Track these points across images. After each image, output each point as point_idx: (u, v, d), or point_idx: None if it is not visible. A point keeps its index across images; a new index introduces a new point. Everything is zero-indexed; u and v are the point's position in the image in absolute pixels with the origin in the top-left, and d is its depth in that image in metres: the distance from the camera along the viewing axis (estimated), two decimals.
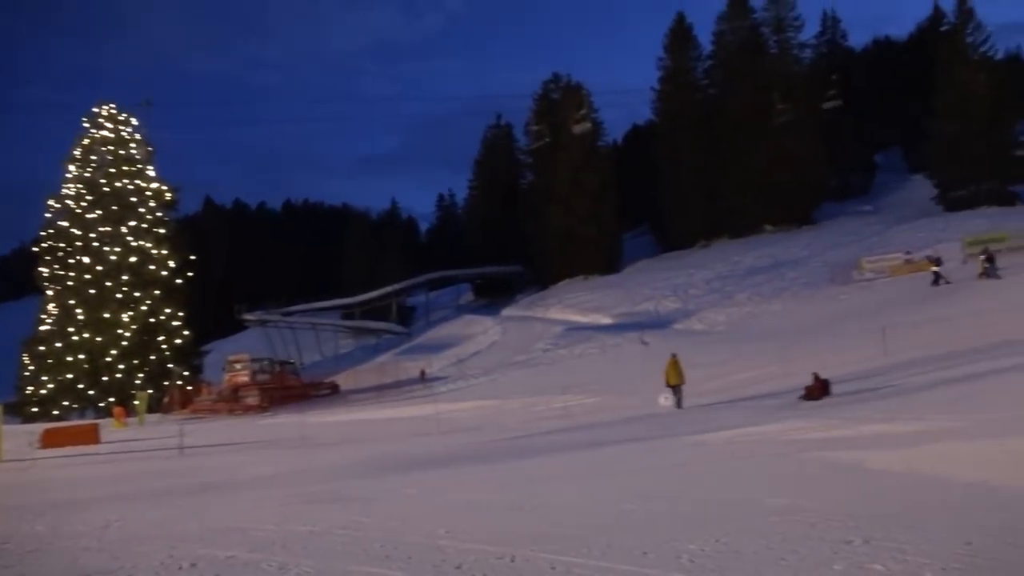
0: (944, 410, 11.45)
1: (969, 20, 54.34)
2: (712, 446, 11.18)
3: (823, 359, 21.83)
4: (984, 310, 23.95)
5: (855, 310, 33.49)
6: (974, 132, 49.24)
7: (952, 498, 6.21)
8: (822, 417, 12.50)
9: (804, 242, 51.48)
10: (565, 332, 43.25)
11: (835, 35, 71.18)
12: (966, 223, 44.35)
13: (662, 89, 64.38)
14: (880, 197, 61.96)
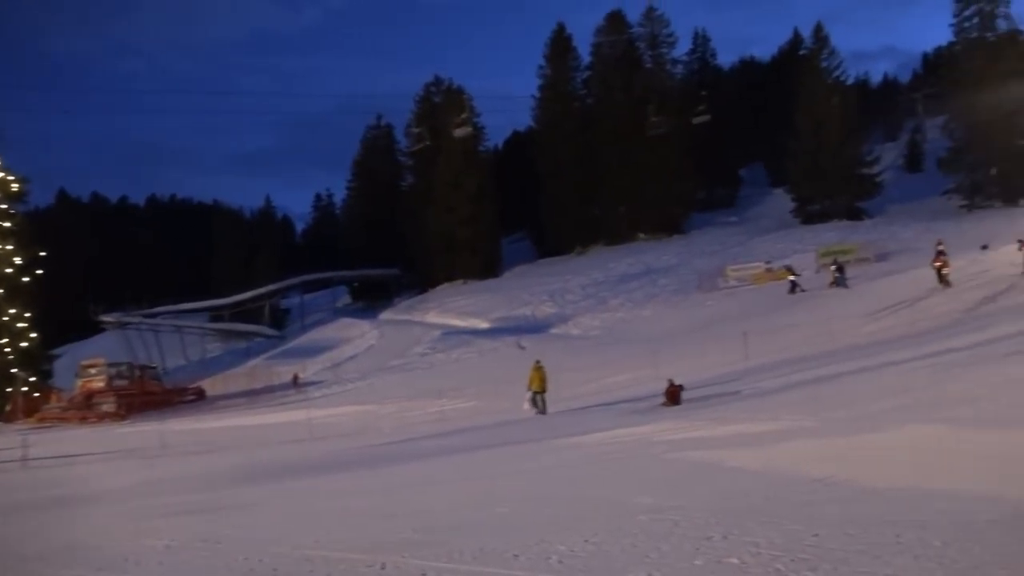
0: (797, 410, 12.17)
1: (824, 46, 58.52)
2: (584, 448, 11.39)
3: (690, 363, 22.82)
4: (834, 316, 25.74)
5: (720, 316, 35.15)
6: (828, 151, 53.00)
7: (802, 493, 6.57)
8: (686, 419, 13.01)
9: (675, 250, 53.66)
10: (443, 336, 43.17)
11: (705, 53, 74.82)
12: (820, 235, 47.65)
13: (542, 97, 65.58)
14: (744, 209, 65.51)
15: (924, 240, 40.87)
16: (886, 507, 5.71)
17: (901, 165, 67.53)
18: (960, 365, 14.18)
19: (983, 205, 49.37)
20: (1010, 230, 34.49)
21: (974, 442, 8.19)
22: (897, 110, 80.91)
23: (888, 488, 6.39)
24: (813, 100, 54.55)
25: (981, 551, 4.45)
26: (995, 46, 50.35)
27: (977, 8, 51.53)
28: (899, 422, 9.66)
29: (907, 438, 8.72)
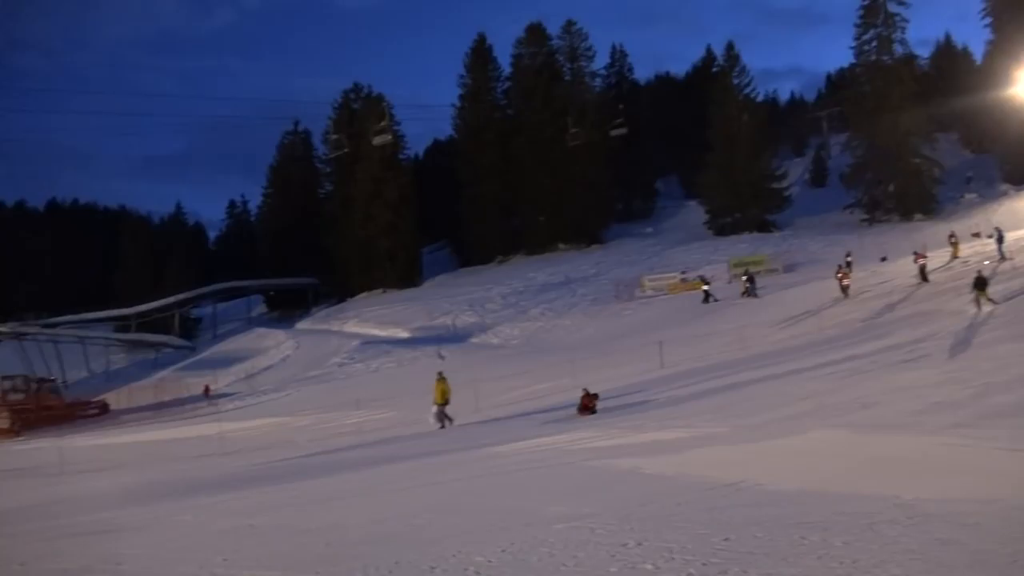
0: (710, 417, 12.51)
1: (735, 65, 60.70)
2: (503, 458, 11.39)
3: (608, 372, 23.16)
4: (745, 325, 26.61)
5: (637, 325, 35.82)
6: (739, 165, 54.86)
7: (714, 498, 6.74)
8: (603, 427, 13.19)
9: (593, 260, 54.46)
10: (362, 346, 42.53)
11: (623, 68, 76.31)
12: (732, 247, 49.25)
13: (462, 106, 65.63)
14: (660, 220, 67.07)
15: (829, 252, 42.83)
16: (792, 510, 5.91)
17: (807, 180, 70.49)
18: (861, 372, 14.87)
19: (882, 219, 52.00)
20: (906, 243, 36.49)
21: (872, 445, 8.58)
22: (803, 127, 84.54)
23: (794, 491, 6.63)
24: (725, 116, 56.44)
25: (879, 549, 4.65)
26: (892, 69, 53.24)
27: (876, 33, 54.37)
28: (804, 427, 10.04)
29: (812, 442, 9.07)
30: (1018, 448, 7.54)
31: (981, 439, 8.19)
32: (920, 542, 4.69)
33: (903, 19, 53.77)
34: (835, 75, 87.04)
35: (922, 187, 51.85)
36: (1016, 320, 17.05)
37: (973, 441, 8.13)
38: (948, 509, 5.32)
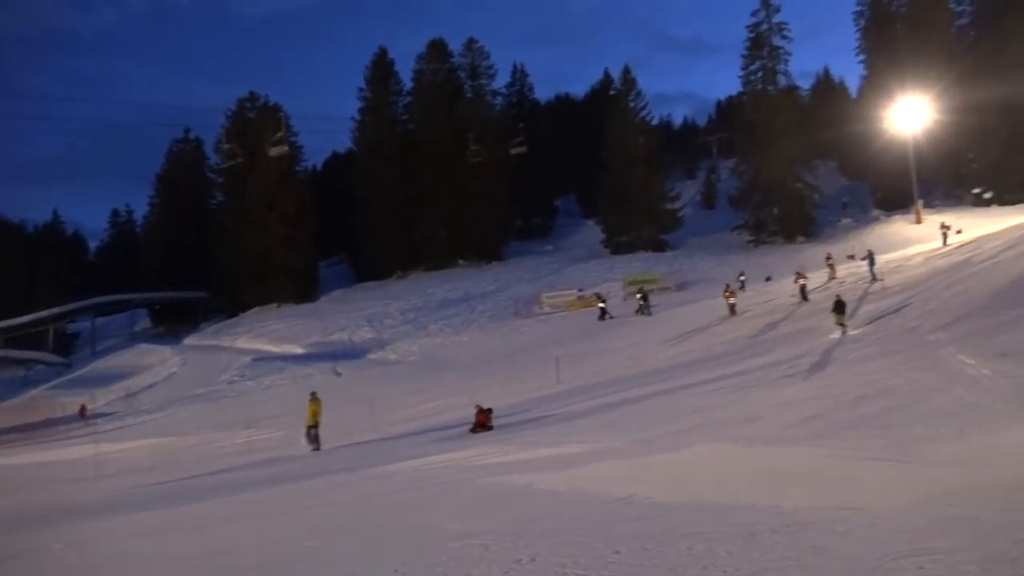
0: (604, 432, 12.74)
1: (632, 88, 62.59)
2: (397, 476, 11.23)
3: (505, 388, 23.28)
4: (639, 342, 27.33)
5: (535, 342, 36.20)
6: (634, 186, 56.51)
7: (607, 512, 6.85)
8: (499, 443, 13.22)
9: (492, 277, 54.75)
10: (253, 363, 41.16)
11: (524, 87, 77.57)
12: (627, 265, 50.58)
13: (362, 120, 64.95)
14: (559, 238, 68.22)
15: (718, 271, 44.61)
16: (681, 522, 6.07)
17: (698, 202, 73.36)
18: (745, 387, 15.51)
19: (767, 241, 54.62)
20: (789, 264, 38.43)
21: (756, 458, 8.95)
22: (695, 151, 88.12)
23: (683, 504, 6.81)
24: (621, 138, 58.13)
25: (760, 558, 4.84)
26: (776, 99, 56.22)
27: (761, 64, 57.31)
28: (693, 441, 10.36)
29: (699, 456, 9.37)
30: (886, 458, 8.03)
31: (853, 450, 8.69)
32: (797, 550, 4.91)
33: (786, 52, 57.00)
34: (724, 102, 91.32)
35: (803, 211, 54.79)
36: (886, 338, 18.20)
37: (845, 452, 8.61)
38: (822, 517, 5.59)
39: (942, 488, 6.39)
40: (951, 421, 9.61)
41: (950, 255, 28.61)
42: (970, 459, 7.60)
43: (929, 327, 17.66)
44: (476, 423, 16.02)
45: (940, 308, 19.49)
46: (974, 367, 12.71)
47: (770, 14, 56.75)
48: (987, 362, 12.85)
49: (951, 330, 16.56)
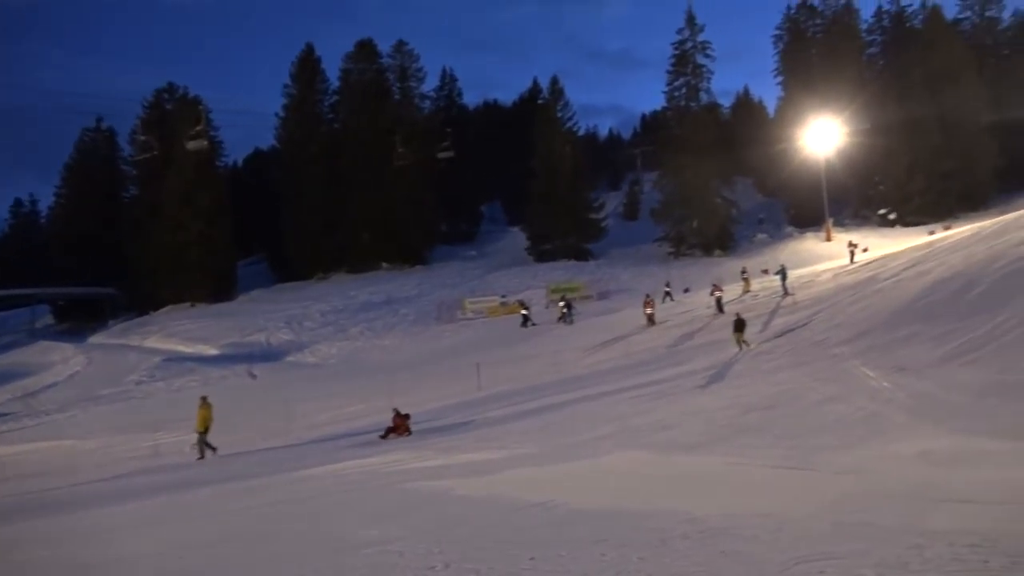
0: (523, 438, 12.80)
1: (560, 99, 63.35)
2: (313, 482, 11.00)
3: (427, 393, 23.14)
4: (560, 349, 27.59)
5: (457, 347, 36.12)
6: (559, 195, 57.13)
7: (523, 518, 6.87)
8: (418, 449, 13.13)
9: (416, 281, 54.40)
10: (164, 363, 39.69)
11: (452, 92, 77.49)
12: (550, 273, 51.06)
13: (287, 117, 63.59)
14: (484, 244, 68.32)
15: (639, 281, 45.49)
16: (595, 528, 6.14)
17: (621, 213, 74.70)
18: (662, 396, 15.85)
19: (686, 253, 55.99)
20: (707, 276, 39.50)
21: (670, 465, 9.15)
22: (620, 163, 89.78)
23: (598, 510, 6.89)
24: (548, 147, 58.70)
25: (671, 563, 4.94)
26: (698, 115, 57.82)
27: (685, 81, 58.86)
28: (610, 448, 10.53)
29: (616, 463, 9.53)
30: (792, 466, 8.33)
31: (762, 458, 8.98)
32: (707, 555, 5.03)
33: (709, 71, 58.73)
34: (649, 116, 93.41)
35: (722, 225, 56.44)
36: (795, 350, 18.90)
37: (755, 460, 8.89)
38: (731, 523, 5.75)
39: (843, 495, 6.67)
40: (853, 431, 10.05)
41: (856, 272, 29.91)
42: (869, 467, 7.95)
43: (835, 341, 18.42)
44: (392, 428, 15.85)
45: (846, 323, 20.35)
46: (875, 379, 13.33)
47: (694, 33, 58.41)
48: (887, 375, 13.49)
49: (855, 344, 17.32)
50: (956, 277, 20.25)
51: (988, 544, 4.56)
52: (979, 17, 66.82)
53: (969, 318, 16.08)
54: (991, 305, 16.33)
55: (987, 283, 18.25)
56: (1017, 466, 7.24)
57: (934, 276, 21.74)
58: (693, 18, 58.58)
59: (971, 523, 5.12)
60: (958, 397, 11.26)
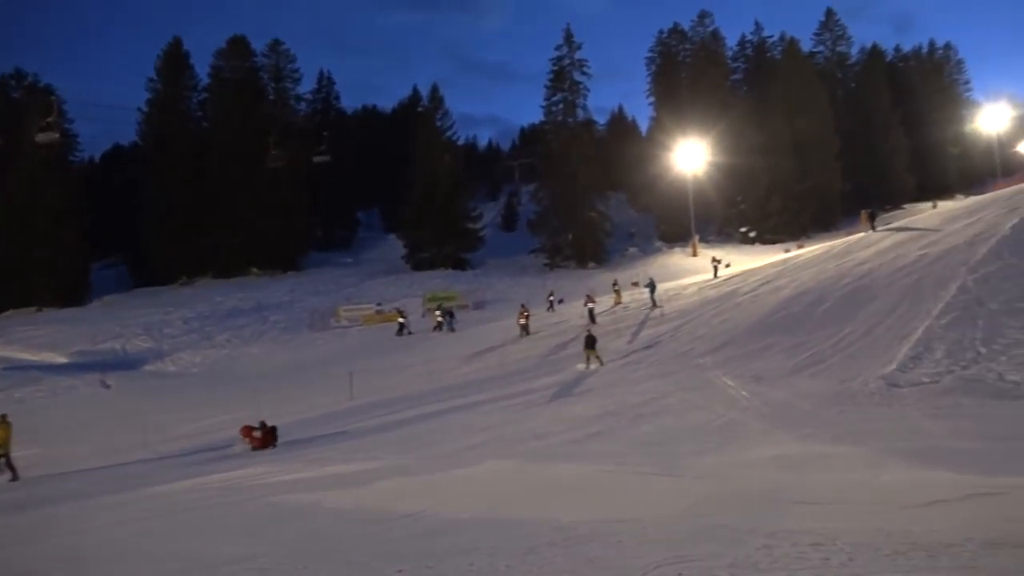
0: (394, 449, 12.65)
1: (440, 107, 63.41)
2: (170, 497, 10.40)
3: (297, 403, 22.44)
4: (435, 358, 27.45)
5: (330, 356, 35.23)
6: (437, 204, 57.07)
7: (392, 529, 6.76)
8: (285, 461, 12.70)
9: (288, 287, 52.73)
10: (3, 372, 36.51)
11: (330, 95, 75.98)
12: (427, 281, 50.82)
13: (150, 112, 60.23)
14: (360, 251, 67.20)
15: (514, 292, 46.05)
16: (464, 537, 6.12)
17: (499, 223, 75.49)
18: (536, 405, 16.09)
19: (562, 265, 57.19)
20: (581, 287, 40.45)
21: (541, 473, 9.28)
22: (498, 174, 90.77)
23: (468, 519, 6.89)
24: (427, 155, 58.56)
25: (537, 570, 5.00)
26: (574, 131, 59.39)
27: (562, 96, 60.34)
28: (482, 457, 10.56)
29: (488, 472, 9.56)
30: (657, 472, 8.64)
31: (628, 465, 9.26)
32: (573, 561, 5.12)
33: (585, 88, 60.51)
34: (528, 129, 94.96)
35: (595, 238, 58.08)
36: (661, 360, 19.66)
37: (623, 466, 9.16)
38: (598, 530, 5.89)
39: (702, 499, 6.97)
40: (713, 437, 10.54)
41: (719, 287, 31.48)
42: (727, 472, 8.36)
43: (699, 351, 19.31)
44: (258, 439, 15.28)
45: (709, 334, 21.38)
46: (734, 388, 14.06)
47: (572, 51, 60.03)
48: (745, 384, 14.27)
49: (717, 354, 18.22)
50: (807, 293, 21.72)
51: (828, 542, 4.89)
52: (831, 51, 72.46)
53: (818, 331, 17.27)
54: (837, 319, 17.61)
55: (834, 299, 19.68)
56: (853, 468, 7.81)
57: (788, 292, 23.22)
58: (571, 36, 60.30)
59: (814, 523, 5.47)
60: (807, 405, 12.05)
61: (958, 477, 6.71)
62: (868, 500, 6.31)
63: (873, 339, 15.30)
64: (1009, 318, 13.59)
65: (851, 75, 71.89)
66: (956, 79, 78.05)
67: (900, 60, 76.46)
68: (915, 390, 11.73)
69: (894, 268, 20.55)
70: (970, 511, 5.53)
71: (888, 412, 10.88)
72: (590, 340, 21.37)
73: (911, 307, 16.20)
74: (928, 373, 12.34)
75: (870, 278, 20.49)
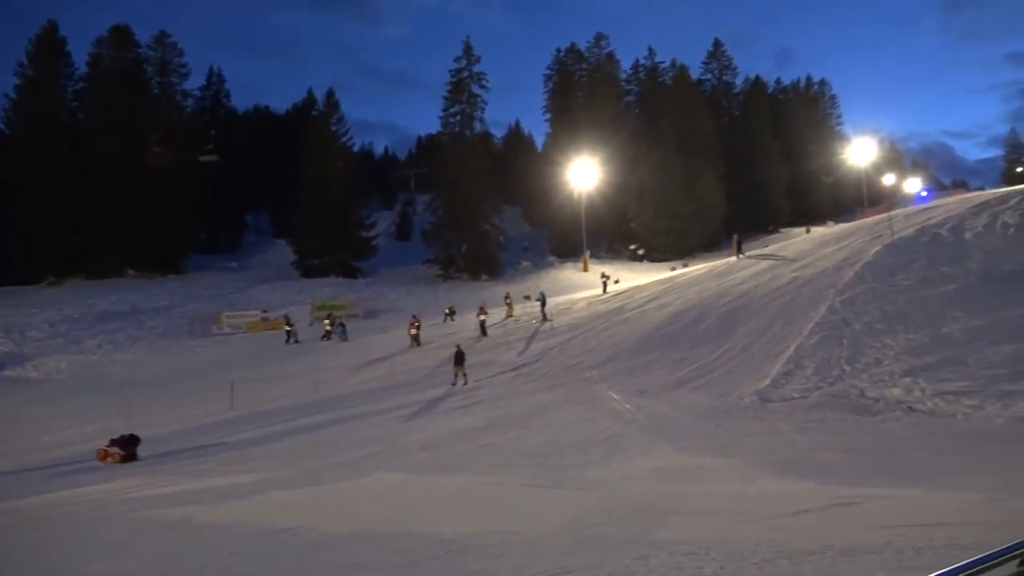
0: (276, 461, 12.25)
1: (335, 112, 62.29)
2: (27, 513, 9.70)
3: (173, 412, 21.43)
4: (324, 368, 26.82)
5: (211, 363, 33.83)
6: (330, 210, 55.89)
7: (269, 545, 6.53)
8: (157, 474, 12.09)
9: (168, 291, 50.27)
10: None
11: (219, 93, 73.24)
12: (317, 289, 49.62)
13: (20, 99, 56.14)
14: (247, 256, 64.88)
15: (406, 302, 45.63)
16: (344, 552, 5.99)
17: (393, 232, 74.69)
18: (425, 416, 15.97)
19: (455, 276, 57.12)
20: (473, 299, 40.52)
21: (427, 485, 9.20)
22: (394, 182, 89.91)
23: (349, 534, 6.74)
24: (321, 160, 57.28)
25: None
26: (471, 143, 59.63)
27: (460, 108, 60.50)
28: (368, 469, 10.38)
29: (373, 485, 9.40)
30: (543, 484, 8.73)
31: (515, 477, 9.32)
32: (454, 575, 5.09)
33: (483, 101, 60.89)
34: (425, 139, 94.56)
35: (489, 251, 58.36)
36: (549, 373, 19.94)
37: (508, 479, 9.21)
38: (481, 542, 5.88)
39: (585, 510, 7.09)
40: (598, 449, 10.76)
41: (608, 302, 32.22)
42: (610, 483, 8.55)
43: (587, 365, 19.70)
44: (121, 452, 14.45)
45: (597, 348, 21.85)
46: (619, 402, 14.42)
47: (471, 63, 60.35)
48: (630, 397, 14.66)
49: (604, 368, 18.65)
50: (690, 310, 22.56)
51: (702, 552, 5.07)
52: (718, 80, 76.00)
53: (699, 347, 17.96)
54: (717, 336, 18.37)
55: (715, 317, 20.52)
56: (727, 480, 8.15)
57: (673, 308, 24.04)
58: (470, 49, 60.59)
59: (690, 533, 5.66)
60: (687, 418, 12.50)
61: (822, 488, 7.11)
62: (740, 510, 6.59)
63: (749, 356, 16.04)
64: (870, 338, 14.55)
65: (736, 104, 75.66)
66: (830, 113, 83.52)
67: (780, 92, 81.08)
68: (786, 405, 12.36)
69: (770, 289, 21.64)
70: (831, 520, 5.86)
71: (761, 426, 11.42)
72: (459, 356, 21.13)
73: (784, 326, 17.09)
74: (798, 389, 13.05)
75: (748, 298, 21.50)
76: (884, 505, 6.30)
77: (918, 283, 17.53)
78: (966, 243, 20.57)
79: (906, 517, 5.62)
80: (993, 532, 4.90)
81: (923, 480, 7.41)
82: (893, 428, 10.64)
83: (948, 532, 5.03)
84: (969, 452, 9.07)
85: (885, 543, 4.89)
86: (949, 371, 12.50)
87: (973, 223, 22.33)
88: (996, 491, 6.44)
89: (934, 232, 22.29)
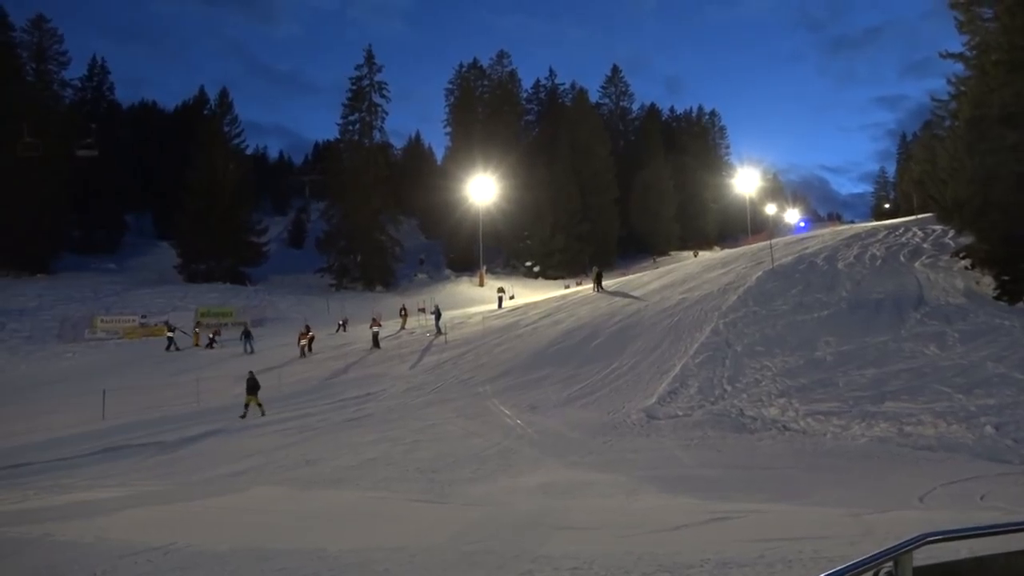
0: (151, 474, 11.62)
1: (228, 112, 60.25)
2: None
3: (37, 422, 19.97)
4: (206, 377, 25.69)
5: (82, 370, 31.81)
6: (218, 213, 53.82)
7: (139, 563, 6.16)
8: (14, 488, 11.21)
9: (35, 291, 46.98)
10: None
11: (102, 85, 69.44)
12: (202, 295, 47.57)
13: None
14: (126, 257, 61.55)
15: (296, 311, 44.41)
16: (219, 571, 5.72)
17: (285, 239, 72.69)
18: (311, 429, 15.53)
19: (348, 286, 56.05)
20: (366, 311, 39.89)
21: (310, 500, 8.93)
22: (288, 188, 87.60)
23: (226, 551, 6.44)
24: (211, 161, 55.05)
25: None
26: (369, 152, 58.87)
27: (359, 117, 59.67)
28: (248, 484, 9.99)
29: (253, 499, 9.05)
30: (430, 499, 8.64)
31: (403, 492, 9.19)
32: None
33: (384, 111, 60.22)
34: (322, 145, 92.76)
35: (384, 262, 57.66)
36: (442, 387, 19.83)
37: (396, 494, 9.06)
38: (365, 559, 5.75)
39: (471, 525, 7.06)
40: (487, 464, 10.76)
41: (503, 317, 32.42)
42: (499, 498, 8.55)
43: (479, 379, 19.71)
44: None
45: (490, 363, 21.91)
46: (511, 417, 14.49)
47: (372, 72, 59.72)
48: (521, 413, 14.75)
49: (496, 383, 18.70)
50: (582, 328, 22.99)
51: (585, 566, 5.13)
52: (615, 105, 78.37)
53: (590, 364, 18.30)
54: (607, 354, 18.79)
55: (605, 335, 20.99)
56: (612, 495, 8.31)
57: (565, 325, 24.43)
58: (372, 57, 59.96)
59: (575, 547, 5.72)
60: (576, 434, 12.68)
61: (701, 503, 7.35)
62: (623, 524, 6.72)
63: (638, 374, 16.48)
64: (750, 360, 15.23)
65: (631, 128, 78.18)
66: (719, 143, 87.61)
67: (673, 120, 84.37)
68: (671, 422, 12.76)
69: (659, 309, 22.34)
70: (709, 534, 6.06)
71: (647, 442, 11.73)
72: (252, 384, 19.06)
73: (671, 346, 17.67)
74: (683, 407, 13.49)
75: (637, 317, 22.12)
76: (757, 520, 6.58)
77: (795, 308, 18.52)
78: (838, 272, 21.92)
79: (777, 531, 5.89)
80: (855, 545, 5.20)
81: (794, 496, 7.80)
82: (768, 446, 11.16)
83: (814, 545, 5.30)
84: (835, 469, 9.62)
85: (758, 556, 5.10)
86: (821, 392, 13.24)
87: (845, 254, 23.85)
88: (858, 506, 6.84)
89: (811, 261, 23.64)
